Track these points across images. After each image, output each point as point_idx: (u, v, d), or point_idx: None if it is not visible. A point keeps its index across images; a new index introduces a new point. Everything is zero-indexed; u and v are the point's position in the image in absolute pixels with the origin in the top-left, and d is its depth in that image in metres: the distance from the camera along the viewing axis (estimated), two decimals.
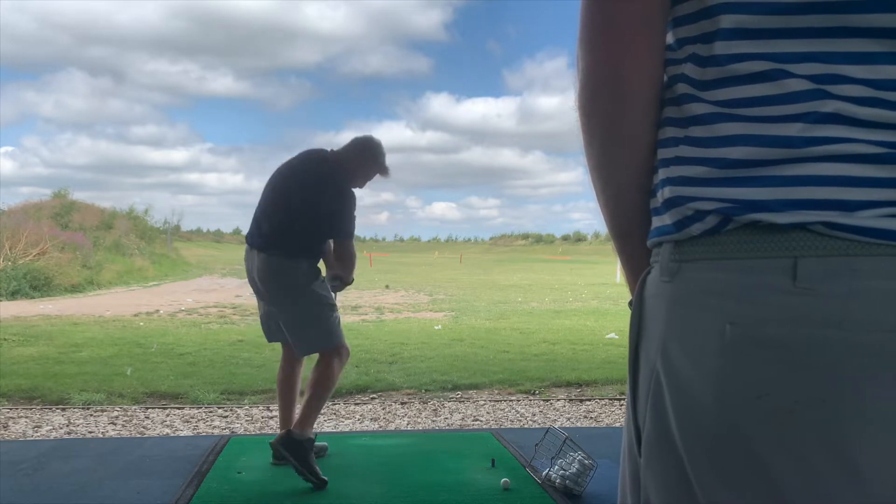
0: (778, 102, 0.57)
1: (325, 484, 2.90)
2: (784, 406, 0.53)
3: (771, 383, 0.53)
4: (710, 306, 0.58)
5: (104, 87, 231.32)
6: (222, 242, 60.25)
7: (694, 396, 0.57)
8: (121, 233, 23.25)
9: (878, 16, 0.55)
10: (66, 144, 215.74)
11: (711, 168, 0.60)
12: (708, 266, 0.59)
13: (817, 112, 0.56)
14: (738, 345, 0.55)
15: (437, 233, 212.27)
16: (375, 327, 9.64)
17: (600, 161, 0.68)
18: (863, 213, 0.54)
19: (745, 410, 0.54)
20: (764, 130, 0.58)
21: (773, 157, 0.57)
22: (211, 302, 13.46)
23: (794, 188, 0.56)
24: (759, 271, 0.56)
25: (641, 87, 0.64)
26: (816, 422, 0.52)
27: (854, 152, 0.55)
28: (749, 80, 0.59)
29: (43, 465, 3.24)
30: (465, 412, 5.06)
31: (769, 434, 0.53)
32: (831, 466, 0.52)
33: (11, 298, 13.87)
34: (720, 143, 0.60)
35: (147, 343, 7.86)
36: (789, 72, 0.57)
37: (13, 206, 22.72)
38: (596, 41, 0.63)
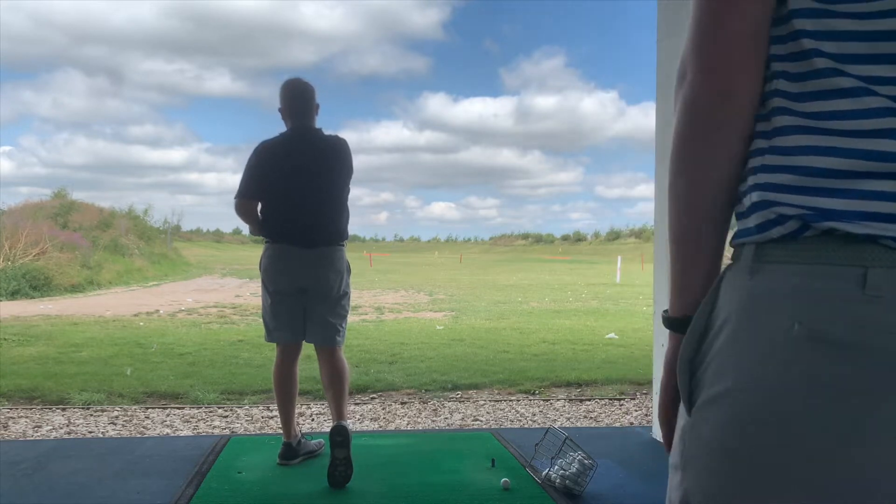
0: (862, 117, 0.62)
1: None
2: (834, 396, 0.57)
3: (827, 378, 0.58)
4: (782, 307, 0.62)
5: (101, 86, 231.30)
6: (222, 242, 60.18)
7: (750, 381, 0.62)
8: (120, 233, 23.24)
9: None
10: (63, 144, 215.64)
11: (796, 176, 0.64)
12: (785, 269, 0.63)
13: (891, 129, 0.60)
14: (802, 343, 0.59)
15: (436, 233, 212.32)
16: (375, 327, 9.64)
17: (691, 157, 0.71)
18: None
19: (796, 399, 0.59)
20: (850, 144, 0.62)
21: (855, 169, 0.61)
22: (211, 302, 13.46)
23: (870, 202, 0.60)
24: (831, 277, 0.60)
25: (748, 95, 0.68)
26: (864, 413, 0.57)
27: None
28: (837, 94, 0.63)
29: (43, 465, 3.24)
30: (465, 412, 5.06)
31: (813, 419, 0.58)
32: (876, 462, 0.57)
33: (11, 298, 13.87)
34: (805, 153, 0.64)
35: (147, 343, 7.87)
36: (874, 91, 0.61)
37: (13, 206, 22.75)
38: (700, 58, 0.69)
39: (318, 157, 3.17)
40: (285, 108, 3.22)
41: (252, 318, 10.34)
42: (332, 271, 3.15)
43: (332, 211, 3.18)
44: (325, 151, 3.20)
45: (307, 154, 3.17)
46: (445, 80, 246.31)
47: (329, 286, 3.15)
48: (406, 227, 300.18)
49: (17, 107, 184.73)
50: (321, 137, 3.23)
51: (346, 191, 3.25)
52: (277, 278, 3.18)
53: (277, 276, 3.18)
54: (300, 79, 3.29)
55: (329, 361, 3.18)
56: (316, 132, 3.23)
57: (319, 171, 3.15)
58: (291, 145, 3.19)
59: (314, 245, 3.13)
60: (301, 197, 3.13)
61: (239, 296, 14.95)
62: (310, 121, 3.23)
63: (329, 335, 3.17)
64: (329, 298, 3.16)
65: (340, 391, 3.14)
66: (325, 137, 3.24)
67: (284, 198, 3.15)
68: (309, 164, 3.15)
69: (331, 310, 3.17)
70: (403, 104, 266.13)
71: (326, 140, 3.23)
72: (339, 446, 2.91)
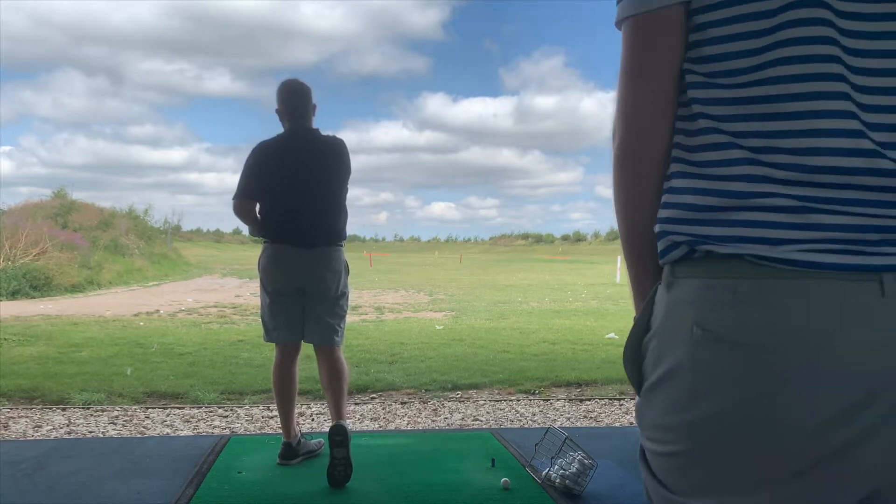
0: (727, 165, 0.80)
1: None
2: (727, 393, 0.77)
3: (717, 363, 0.77)
4: (687, 312, 0.80)
5: (100, 86, 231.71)
6: (222, 242, 60.22)
7: (672, 366, 0.82)
8: (120, 233, 23.24)
9: (801, 103, 0.77)
10: (63, 144, 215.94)
11: (683, 211, 0.83)
12: (688, 282, 0.82)
13: (750, 174, 0.79)
14: (700, 339, 0.79)
15: (436, 233, 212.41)
16: (375, 327, 9.64)
17: (626, 201, 0.91)
18: (783, 248, 0.75)
19: (703, 392, 0.79)
20: (719, 186, 0.80)
21: (723, 205, 0.80)
22: (211, 302, 13.46)
23: (735, 228, 0.78)
24: (715, 288, 0.78)
25: (659, 152, 0.87)
26: (750, 406, 0.76)
27: (776, 205, 0.77)
28: (713, 147, 0.82)
29: (43, 465, 3.24)
30: (465, 412, 5.06)
31: (711, 390, 0.78)
32: (757, 415, 0.75)
33: (11, 298, 13.87)
34: (689, 193, 0.83)
35: (147, 343, 7.87)
36: (738, 144, 0.80)
37: (13, 206, 22.74)
38: (626, 111, 0.87)
39: (315, 158, 3.18)
40: (283, 109, 3.23)
41: (252, 318, 10.34)
42: (330, 271, 3.16)
43: (331, 211, 3.18)
44: (323, 152, 3.20)
45: (305, 154, 3.17)
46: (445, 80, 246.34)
47: (327, 286, 3.16)
48: (406, 227, 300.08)
49: (16, 107, 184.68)
50: (319, 138, 3.23)
51: (344, 191, 3.25)
52: (276, 278, 3.18)
53: (276, 276, 3.18)
54: (297, 80, 3.31)
55: (328, 361, 3.18)
56: (314, 133, 3.24)
57: (317, 172, 3.16)
58: (289, 146, 3.20)
59: (312, 245, 3.13)
60: (299, 197, 3.13)
61: (239, 296, 14.95)
62: (307, 121, 3.24)
63: (327, 335, 3.18)
64: (327, 298, 3.17)
65: (339, 391, 3.14)
66: (323, 138, 3.24)
67: (283, 198, 3.16)
68: (307, 165, 3.16)
69: (329, 310, 3.18)
70: (403, 104, 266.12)
71: (324, 140, 3.23)
72: (339, 446, 2.92)
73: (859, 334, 0.73)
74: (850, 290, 0.74)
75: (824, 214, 0.76)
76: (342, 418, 3.06)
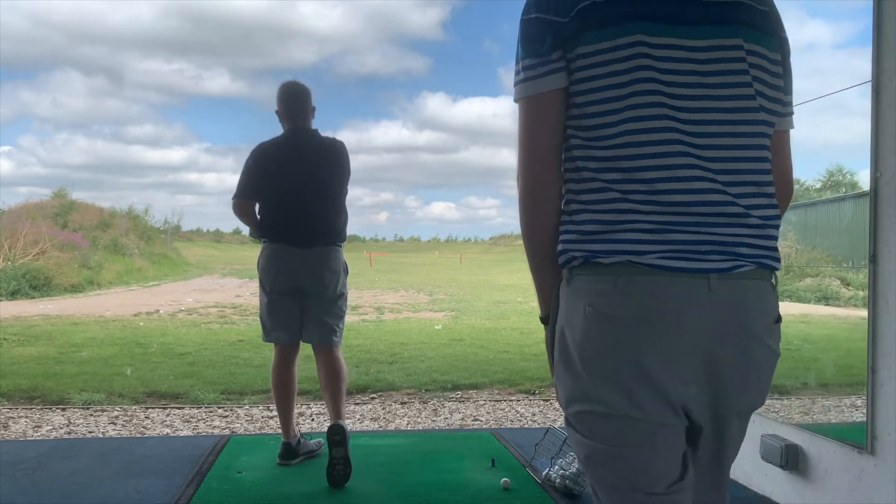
0: (605, 202, 1.12)
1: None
2: (605, 342, 1.10)
3: (600, 331, 1.10)
4: (582, 298, 1.12)
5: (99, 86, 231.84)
6: (222, 242, 60.13)
7: (573, 337, 1.14)
8: (120, 233, 23.23)
9: (650, 160, 1.10)
10: (62, 144, 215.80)
11: (578, 235, 1.14)
12: (583, 279, 1.13)
13: (621, 208, 1.10)
14: (590, 315, 1.11)
15: (436, 233, 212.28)
16: (375, 327, 9.64)
17: (529, 230, 1.21)
18: (646, 256, 1.08)
19: (591, 343, 1.12)
20: (600, 217, 1.12)
21: (602, 230, 1.11)
22: (211, 302, 13.46)
23: (613, 244, 1.10)
24: (602, 283, 1.11)
25: (552, 191, 1.18)
26: (620, 348, 1.09)
27: (641, 228, 1.09)
28: (595, 191, 1.13)
29: (43, 465, 3.24)
30: (465, 412, 5.06)
31: (598, 351, 1.11)
32: (622, 366, 1.09)
33: (11, 298, 13.87)
34: (584, 223, 1.14)
35: (147, 343, 7.87)
36: (612, 188, 1.11)
37: (13, 206, 22.73)
38: (526, 163, 1.18)
39: (315, 159, 3.18)
40: (282, 111, 3.23)
41: (252, 318, 10.34)
42: (329, 271, 3.16)
43: (330, 211, 3.18)
44: (322, 153, 3.20)
45: (304, 155, 3.18)
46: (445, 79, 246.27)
47: (325, 286, 3.16)
48: (406, 227, 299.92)
49: (16, 107, 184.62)
50: (318, 139, 3.24)
51: (343, 192, 3.25)
52: (274, 278, 3.19)
53: (274, 275, 3.18)
54: (297, 81, 3.31)
55: (326, 361, 3.18)
56: (313, 134, 3.25)
57: (316, 173, 3.16)
58: (289, 147, 3.20)
59: (311, 245, 3.13)
60: (298, 197, 3.13)
61: (239, 296, 14.95)
62: (307, 122, 3.24)
63: (326, 335, 3.18)
64: (326, 299, 3.17)
65: (338, 391, 3.14)
66: (323, 139, 3.25)
67: (282, 198, 3.16)
68: (306, 166, 3.16)
69: (327, 310, 3.18)
70: (403, 104, 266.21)
71: (323, 142, 3.24)
72: (337, 445, 2.92)
73: (691, 312, 1.08)
74: (687, 284, 1.08)
75: (673, 234, 1.09)
76: (341, 418, 3.06)
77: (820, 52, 2.86)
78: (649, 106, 1.09)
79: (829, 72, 2.73)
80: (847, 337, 2.75)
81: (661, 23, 1.10)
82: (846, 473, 2.44)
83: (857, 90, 2.42)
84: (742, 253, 1.10)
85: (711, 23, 1.11)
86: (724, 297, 1.08)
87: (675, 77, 1.09)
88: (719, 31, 1.12)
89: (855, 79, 2.42)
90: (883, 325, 2.29)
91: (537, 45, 1.14)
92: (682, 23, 1.11)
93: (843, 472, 2.46)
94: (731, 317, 1.09)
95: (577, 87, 1.13)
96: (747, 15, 1.14)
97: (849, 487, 2.42)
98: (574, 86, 1.13)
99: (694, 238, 1.08)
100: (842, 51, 2.74)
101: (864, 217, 2.37)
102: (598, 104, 1.12)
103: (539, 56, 1.14)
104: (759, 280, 1.13)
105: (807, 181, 3.04)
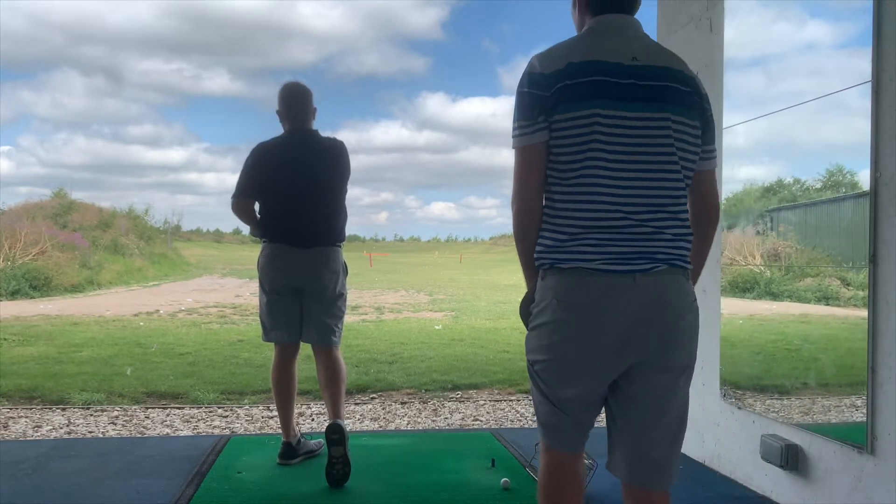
0: (564, 226, 1.59)
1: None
2: (566, 320, 1.57)
3: (562, 313, 1.57)
4: (550, 290, 1.59)
5: (99, 86, 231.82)
6: (222, 242, 60.11)
7: (545, 319, 1.61)
8: (120, 233, 23.23)
9: (590, 197, 1.57)
10: (62, 144, 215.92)
11: (545, 247, 1.61)
12: (552, 276, 1.59)
13: (573, 231, 1.57)
14: (558, 309, 1.57)
15: (436, 232, 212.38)
16: (375, 327, 9.64)
17: (520, 241, 1.68)
18: (593, 263, 1.54)
19: (556, 320, 1.59)
20: (559, 237, 1.59)
21: (560, 245, 1.58)
22: (211, 302, 13.46)
23: (569, 254, 1.56)
24: (564, 279, 1.57)
25: (537, 216, 1.64)
26: (575, 323, 1.56)
27: (588, 243, 1.55)
28: (557, 217, 1.60)
29: (43, 465, 3.24)
30: (465, 412, 5.06)
31: (560, 325, 1.59)
32: (572, 337, 1.57)
33: (11, 298, 13.87)
34: (548, 238, 1.61)
35: (147, 343, 7.87)
36: (569, 216, 1.58)
37: (13, 206, 22.73)
38: (519, 193, 1.64)
39: (314, 159, 3.18)
40: (283, 111, 3.23)
41: (252, 318, 10.34)
42: (328, 271, 3.16)
43: (329, 212, 3.18)
44: (322, 153, 3.20)
45: (304, 155, 3.18)
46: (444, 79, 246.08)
47: (324, 286, 3.16)
48: (406, 227, 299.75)
49: (15, 106, 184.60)
50: (318, 139, 3.24)
51: (342, 192, 3.25)
52: (274, 278, 3.19)
53: (274, 275, 3.19)
54: (298, 82, 3.31)
55: (326, 361, 3.18)
56: (313, 134, 3.24)
57: (316, 172, 3.16)
58: (289, 147, 3.20)
59: (310, 245, 3.13)
60: (298, 197, 3.13)
61: (239, 296, 14.95)
62: (307, 123, 3.24)
63: (325, 335, 3.18)
64: (325, 298, 3.17)
65: (337, 391, 3.14)
66: (322, 139, 3.24)
67: (281, 198, 3.16)
68: (306, 166, 3.16)
69: (326, 310, 3.18)
70: (402, 104, 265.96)
71: (323, 142, 3.23)
72: (336, 444, 2.92)
73: (622, 299, 1.54)
74: (619, 280, 1.54)
75: (610, 246, 1.55)
76: (340, 417, 3.06)
77: (820, 52, 2.86)
78: (599, 160, 1.56)
79: (830, 72, 2.72)
80: (847, 337, 2.75)
81: (610, 101, 1.56)
82: (846, 473, 2.44)
83: (857, 90, 2.42)
84: (658, 258, 1.56)
85: (646, 102, 1.57)
86: (646, 288, 1.55)
87: (616, 139, 1.56)
88: (650, 107, 1.58)
89: (855, 79, 2.42)
90: (883, 325, 2.29)
91: (528, 112, 1.60)
92: (624, 101, 1.56)
93: (843, 472, 2.46)
94: (651, 301, 1.55)
95: (555, 142, 1.59)
96: (673, 96, 1.60)
97: (849, 487, 2.43)
98: (553, 140, 1.59)
99: (623, 250, 1.55)
100: (842, 51, 2.73)
101: (864, 217, 2.37)
102: (567, 154, 1.58)
103: (529, 119, 1.60)
104: (674, 275, 1.59)
105: (807, 181, 3.04)
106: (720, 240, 3.25)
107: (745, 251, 3.32)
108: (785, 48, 3.02)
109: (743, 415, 3.05)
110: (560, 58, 1.59)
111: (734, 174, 3.24)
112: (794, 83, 2.97)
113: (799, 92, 2.83)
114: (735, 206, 3.33)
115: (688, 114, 1.61)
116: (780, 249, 3.20)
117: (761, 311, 3.21)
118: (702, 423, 3.33)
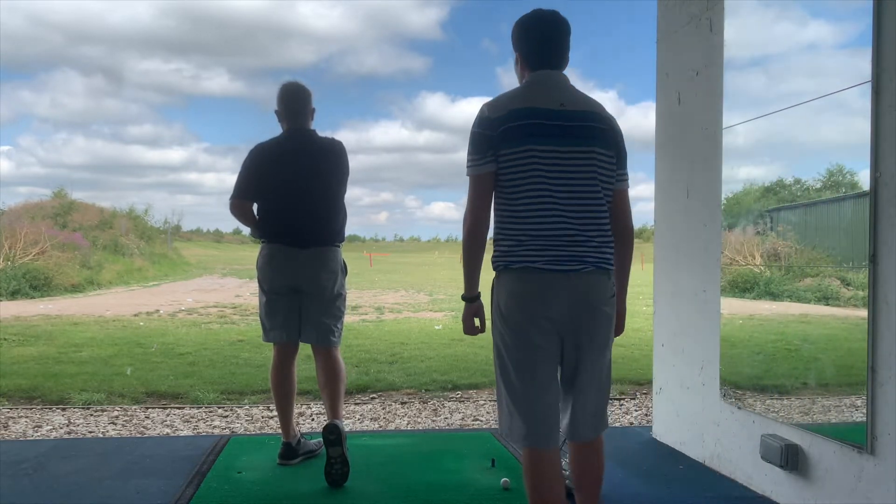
0: (512, 236, 2.04)
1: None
2: (517, 307, 2.04)
3: (514, 302, 2.04)
4: (504, 286, 2.06)
5: (98, 86, 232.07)
6: (222, 242, 60.11)
7: (501, 312, 2.07)
8: (120, 233, 23.22)
9: (534, 214, 2.02)
10: (62, 144, 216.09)
11: (499, 252, 2.07)
12: (506, 275, 2.06)
13: (521, 239, 2.03)
14: (509, 298, 2.04)
15: (436, 232, 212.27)
16: (375, 327, 9.64)
17: (468, 250, 2.09)
18: (536, 263, 2.00)
19: (509, 308, 2.06)
20: (510, 248, 2.04)
21: (512, 253, 2.03)
22: (211, 302, 13.46)
23: (517, 257, 2.02)
24: (513, 276, 2.04)
25: (484, 227, 2.08)
26: (525, 310, 2.02)
27: (531, 249, 2.01)
28: (507, 229, 2.06)
29: (43, 465, 3.24)
30: (465, 412, 5.06)
31: (513, 312, 2.05)
32: (524, 321, 2.03)
33: (11, 298, 13.87)
34: (500, 246, 2.07)
35: (147, 343, 7.87)
36: (516, 228, 2.04)
37: (13, 206, 22.73)
38: (472, 211, 2.06)
39: (313, 159, 3.18)
40: (282, 111, 3.23)
41: (252, 318, 10.34)
42: (326, 271, 3.16)
43: (328, 212, 3.18)
44: (321, 153, 3.20)
45: (303, 156, 3.17)
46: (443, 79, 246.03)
47: (323, 286, 3.16)
48: (406, 227, 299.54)
49: (15, 106, 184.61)
50: (317, 139, 3.23)
51: (341, 192, 3.25)
52: (273, 278, 3.19)
53: (273, 275, 3.18)
54: (297, 82, 3.30)
55: (325, 361, 3.18)
56: (311, 134, 3.24)
57: (315, 173, 3.16)
58: (287, 147, 3.20)
59: (309, 245, 3.13)
60: (296, 198, 3.13)
61: (239, 296, 14.95)
62: (306, 123, 3.24)
63: (324, 335, 3.18)
64: (324, 299, 3.17)
65: (336, 391, 3.14)
66: (321, 139, 3.24)
67: (280, 198, 3.16)
68: (305, 166, 3.16)
69: (325, 310, 3.18)
70: (402, 104, 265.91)
71: (322, 142, 3.23)
72: (333, 444, 2.92)
73: (560, 292, 1.98)
74: (557, 277, 1.97)
75: (550, 251, 1.97)
76: (338, 417, 3.06)
77: (821, 52, 2.85)
78: (537, 184, 1.99)
79: (830, 72, 2.72)
80: (847, 337, 2.75)
81: (543, 138, 1.99)
82: (846, 473, 2.44)
83: (857, 90, 2.42)
84: (587, 261, 2.00)
85: (573, 138, 2.01)
86: (577, 285, 1.99)
87: (552, 167, 1.99)
88: (577, 142, 2.01)
89: (855, 79, 2.42)
90: (883, 325, 2.29)
91: (479, 147, 2.03)
92: (555, 138, 2.00)
93: (843, 472, 2.46)
94: (581, 295, 2.00)
95: (501, 172, 2.02)
96: (592, 133, 2.03)
97: (849, 487, 2.43)
98: (500, 170, 2.02)
99: (559, 253, 1.98)
100: (843, 51, 2.73)
101: (864, 217, 2.37)
102: (510, 182, 2.01)
103: (480, 153, 2.03)
104: (598, 275, 2.03)
105: (807, 181, 3.03)
106: (720, 239, 3.25)
107: (745, 251, 3.32)
108: (785, 48, 3.02)
109: (743, 415, 3.05)
110: (504, 105, 2.03)
111: (734, 174, 3.24)
112: (794, 83, 2.97)
113: (799, 92, 2.82)
114: (735, 206, 3.32)
115: (605, 146, 2.04)
116: (780, 249, 3.20)
117: (761, 311, 3.21)
118: (702, 422, 3.33)
